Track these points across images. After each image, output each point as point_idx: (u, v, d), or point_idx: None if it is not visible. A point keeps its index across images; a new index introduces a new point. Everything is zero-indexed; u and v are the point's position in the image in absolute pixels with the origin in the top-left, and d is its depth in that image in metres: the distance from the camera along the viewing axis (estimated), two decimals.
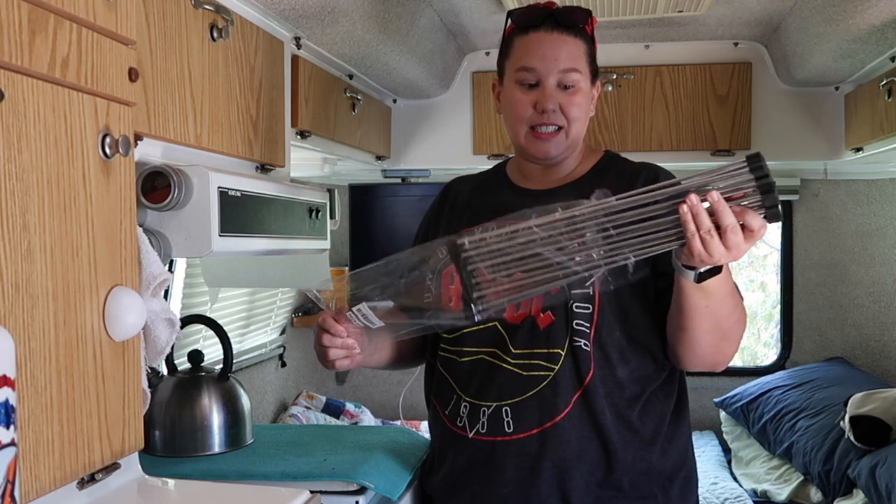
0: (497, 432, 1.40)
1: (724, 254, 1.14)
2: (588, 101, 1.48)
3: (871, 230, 3.59)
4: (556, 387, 1.38)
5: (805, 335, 3.67)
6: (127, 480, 1.16)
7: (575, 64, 1.44)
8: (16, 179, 0.86)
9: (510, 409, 1.40)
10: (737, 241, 1.13)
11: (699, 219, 1.12)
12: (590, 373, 1.38)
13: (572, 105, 1.44)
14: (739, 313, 1.33)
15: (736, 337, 1.35)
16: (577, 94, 1.45)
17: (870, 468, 2.50)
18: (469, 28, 2.61)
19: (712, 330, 1.32)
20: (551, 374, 1.38)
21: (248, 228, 1.45)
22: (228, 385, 1.90)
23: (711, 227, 1.12)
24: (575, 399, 1.38)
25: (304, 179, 2.41)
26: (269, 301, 3.26)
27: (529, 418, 1.39)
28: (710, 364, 1.38)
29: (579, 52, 1.45)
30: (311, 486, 1.43)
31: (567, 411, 1.38)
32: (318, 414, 3.42)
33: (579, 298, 1.39)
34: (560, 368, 1.38)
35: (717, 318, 1.30)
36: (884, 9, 1.91)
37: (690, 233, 1.12)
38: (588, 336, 1.38)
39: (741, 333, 1.36)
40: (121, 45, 1.05)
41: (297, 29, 1.88)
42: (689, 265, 1.20)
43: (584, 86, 1.46)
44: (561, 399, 1.38)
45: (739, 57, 2.79)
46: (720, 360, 1.38)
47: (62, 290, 0.95)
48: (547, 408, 1.39)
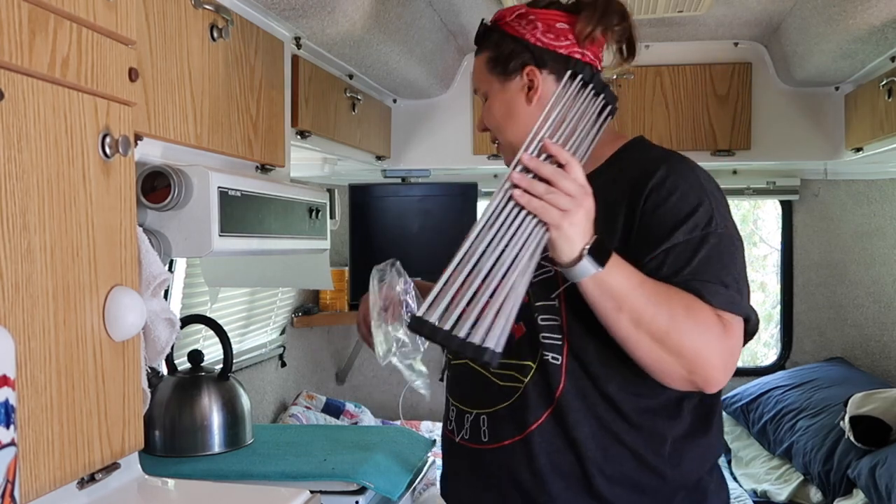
0: (477, 440, 1.38)
1: (569, 203, 1.13)
2: (502, 103, 1.40)
3: (871, 230, 3.59)
4: (526, 399, 1.33)
5: (805, 335, 3.67)
6: (127, 480, 1.16)
7: (477, 82, 1.45)
8: (16, 179, 0.86)
9: (487, 418, 1.37)
10: (568, 185, 1.13)
11: (530, 186, 1.14)
12: (560, 386, 1.31)
13: (486, 116, 1.44)
14: (676, 313, 1.18)
15: (688, 344, 1.18)
16: (488, 103, 1.43)
17: (870, 468, 2.50)
18: (469, 28, 2.61)
19: (641, 337, 1.19)
20: (521, 386, 1.34)
21: (248, 228, 1.45)
22: (228, 385, 1.90)
23: (545, 185, 1.14)
24: (547, 413, 1.32)
25: (304, 179, 2.42)
26: (269, 301, 3.26)
27: (503, 429, 1.35)
28: (683, 381, 1.22)
29: (480, 66, 1.43)
30: (311, 486, 1.43)
31: (537, 424, 1.32)
32: (318, 414, 3.41)
33: (543, 311, 1.32)
34: (529, 381, 1.33)
35: (639, 318, 1.18)
36: (884, 9, 1.91)
37: (532, 206, 1.14)
38: (560, 349, 1.31)
39: (698, 340, 1.18)
40: (121, 45, 1.05)
41: (297, 29, 1.88)
42: (564, 259, 1.17)
43: (491, 90, 1.41)
44: (531, 412, 1.32)
45: (739, 57, 2.79)
46: (676, 375, 1.21)
47: (62, 290, 0.95)
48: (519, 420, 1.33)
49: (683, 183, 1.28)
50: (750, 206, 5.18)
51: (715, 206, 1.27)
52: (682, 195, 1.26)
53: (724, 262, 1.24)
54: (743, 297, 1.24)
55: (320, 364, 3.84)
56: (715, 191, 1.30)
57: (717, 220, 1.25)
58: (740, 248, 1.28)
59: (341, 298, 3.64)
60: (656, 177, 1.29)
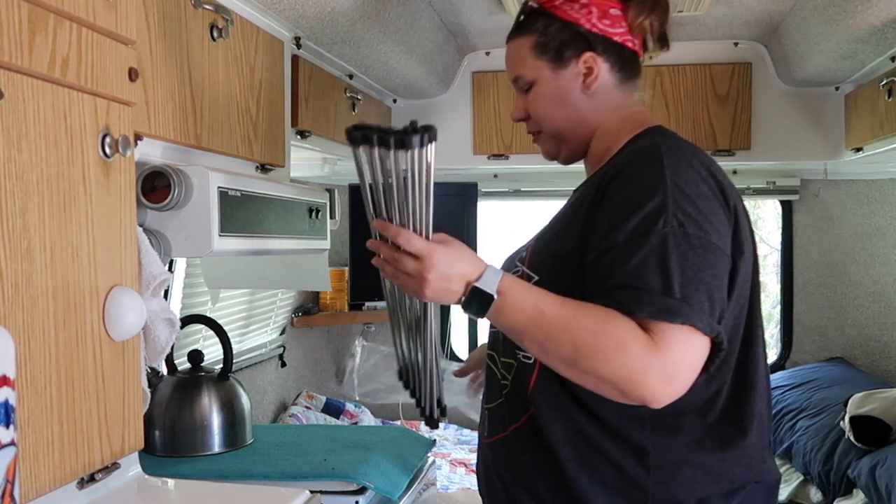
0: (483, 434, 1.40)
1: (413, 275, 1.14)
2: (554, 90, 1.34)
3: (871, 230, 3.59)
4: (510, 398, 1.31)
5: (805, 335, 3.67)
6: (127, 480, 1.16)
7: (517, 68, 1.37)
8: (16, 179, 0.86)
9: (487, 412, 1.38)
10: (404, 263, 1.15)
11: (382, 267, 1.20)
12: (530, 386, 1.26)
13: (531, 105, 1.37)
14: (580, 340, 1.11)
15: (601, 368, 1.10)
16: (534, 91, 1.36)
17: (870, 468, 2.50)
18: (469, 28, 2.61)
19: (555, 364, 1.15)
20: (508, 384, 1.32)
21: (248, 228, 1.45)
22: (228, 385, 1.90)
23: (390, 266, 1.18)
24: (527, 413, 1.27)
25: (304, 179, 2.41)
26: (269, 301, 3.26)
27: (494, 425, 1.35)
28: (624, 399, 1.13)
29: (522, 51, 1.36)
30: (311, 486, 1.43)
31: (518, 424, 1.29)
32: (317, 414, 3.41)
33: None
34: (512, 380, 1.31)
35: (542, 348, 1.15)
36: (884, 9, 1.91)
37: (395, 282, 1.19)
38: None
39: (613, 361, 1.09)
40: (121, 45, 1.05)
41: (297, 29, 1.88)
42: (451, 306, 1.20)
43: (540, 77, 1.35)
44: (513, 411, 1.29)
45: (739, 57, 2.79)
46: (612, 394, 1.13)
47: (62, 290, 0.95)
48: (504, 418, 1.32)
49: (638, 176, 1.18)
50: (750, 206, 5.18)
51: (671, 202, 1.13)
52: (633, 190, 1.17)
53: (667, 265, 1.10)
54: (691, 304, 1.10)
55: (320, 364, 3.84)
56: (690, 184, 1.16)
57: (670, 217, 1.12)
58: (703, 250, 1.13)
59: (341, 298, 3.64)
60: (615, 171, 1.22)
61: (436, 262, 1.13)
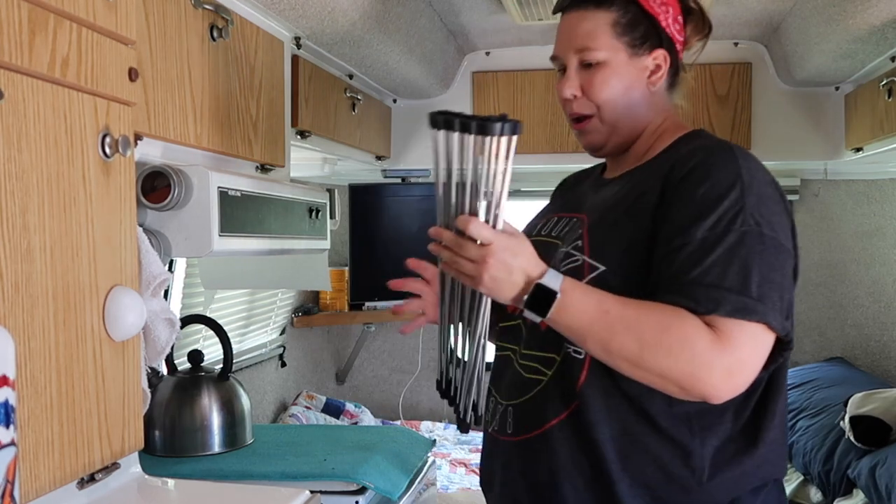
0: (502, 431, 1.34)
1: (475, 261, 1.11)
2: (625, 77, 1.30)
3: (871, 230, 3.59)
4: (547, 394, 1.27)
5: (805, 335, 3.66)
6: (127, 480, 1.16)
7: (589, 41, 1.29)
8: (16, 179, 0.86)
9: (512, 409, 1.33)
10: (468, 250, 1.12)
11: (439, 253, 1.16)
12: (579, 382, 1.23)
13: (593, 85, 1.30)
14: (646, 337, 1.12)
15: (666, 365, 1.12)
16: (601, 71, 1.29)
17: (870, 468, 2.49)
18: (469, 28, 2.61)
19: (618, 363, 1.15)
20: (545, 379, 1.28)
21: (248, 228, 1.45)
22: (228, 385, 1.90)
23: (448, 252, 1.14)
24: (569, 409, 1.24)
25: (304, 179, 2.41)
26: (269, 301, 3.26)
27: (524, 422, 1.30)
28: (684, 395, 1.15)
29: (597, 25, 1.29)
30: (311, 486, 1.43)
31: (557, 420, 1.25)
32: (317, 414, 3.41)
33: None
34: (552, 375, 1.27)
35: (606, 348, 1.14)
36: (884, 9, 1.91)
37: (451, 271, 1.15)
38: None
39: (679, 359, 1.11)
40: (121, 45, 1.05)
41: (297, 29, 1.88)
42: (507, 303, 1.17)
43: (614, 59, 1.29)
44: (552, 407, 1.26)
45: (739, 57, 2.79)
46: (672, 391, 1.15)
47: (62, 290, 0.95)
48: (539, 414, 1.27)
49: (717, 173, 1.18)
50: None
51: (748, 201, 1.15)
52: (712, 186, 1.17)
53: (745, 264, 1.13)
54: (765, 303, 1.12)
55: (320, 364, 3.84)
56: (762, 186, 1.18)
57: (747, 217, 1.14)
58: (776, 250, 1.15)
59: (341, 298, 3.64)
60: (688, 166, 1.21)
61: (499, 248, 1.12)
